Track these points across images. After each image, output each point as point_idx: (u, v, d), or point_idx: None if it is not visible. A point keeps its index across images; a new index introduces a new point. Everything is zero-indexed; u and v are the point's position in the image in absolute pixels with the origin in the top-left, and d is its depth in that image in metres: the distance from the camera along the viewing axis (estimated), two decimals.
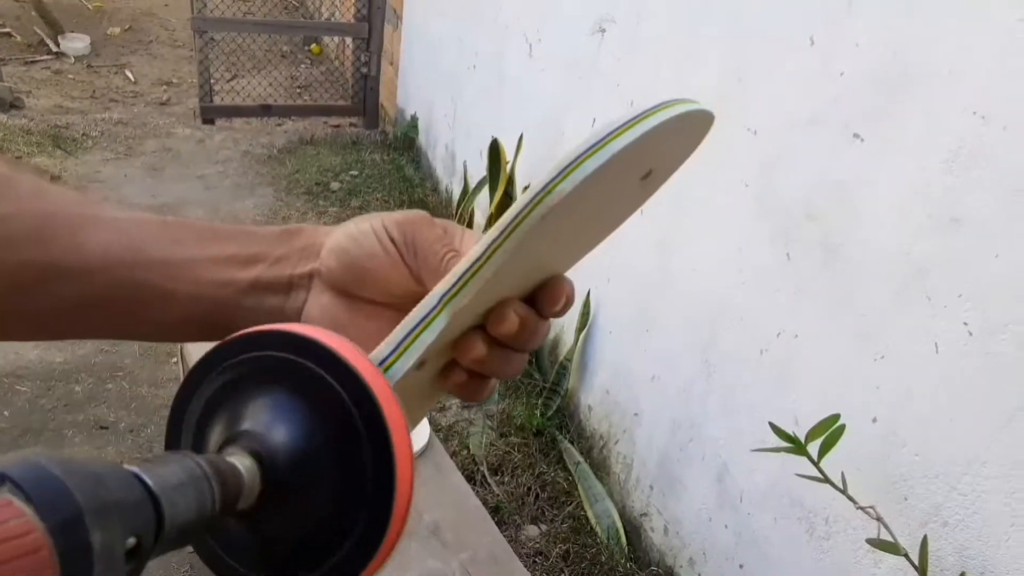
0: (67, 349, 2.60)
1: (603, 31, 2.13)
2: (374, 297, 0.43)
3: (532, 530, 2.19)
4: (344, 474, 0.34)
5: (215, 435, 0.35)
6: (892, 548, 1.14)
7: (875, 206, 1.35)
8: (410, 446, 0.35)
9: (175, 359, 2.49)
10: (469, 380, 0.43)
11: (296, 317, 0.43)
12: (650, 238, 1.99)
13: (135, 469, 0.27)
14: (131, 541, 0.25)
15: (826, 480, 1.14)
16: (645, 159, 0.39)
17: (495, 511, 2.23)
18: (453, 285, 0.38)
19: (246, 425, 0.34)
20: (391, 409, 0.34)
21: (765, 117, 1.58)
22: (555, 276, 0.43)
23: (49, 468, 0.24)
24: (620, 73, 2.08)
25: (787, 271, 1.54)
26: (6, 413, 2.35)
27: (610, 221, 0.45)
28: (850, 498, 1.15)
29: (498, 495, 2.25)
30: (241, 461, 0.32)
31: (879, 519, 1.16)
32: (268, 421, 0.34)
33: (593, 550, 2.10)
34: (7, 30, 5.35)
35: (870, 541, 1.18)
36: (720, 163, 1.72)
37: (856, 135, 1.37)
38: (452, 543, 1.50)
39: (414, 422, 0.44)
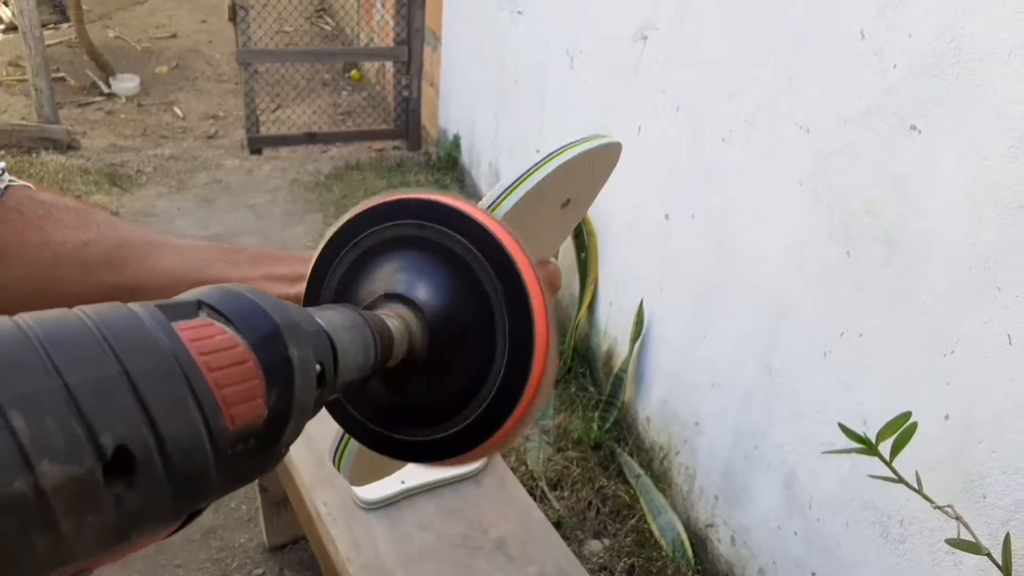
0: None
1: (645, 38, 2.12)
2: None
3: (595, 545, 2.17)
4: (483, 336, 0.34)
5: (359, 299, 0.36)
6: (973, 548, 1.10)
7: (937, 198, 1.32)
8: (547, 311, 0.35)
9: None
10: None
11: None
12: (704, 244, 1.97)
13: (307, 310, 0.29)
14: (317, 367, 0.26)
15: (900, 480, 1.11)
16: (561, 192, 0.45)
17: (556, 527, 2.21)
18: None
19: (390, 288, 0.35)
20: (528, 273, 0.34)
21: (817, 114, 1.56)
22: None
23: (243, 292, 0.25)
24: (665, 79, 2.07)
25: (848, 269, 1.51)
26: None
27: (551, 236, 0.51)
28: (926, 498, 1.12)
29: (559, 510, 2.24)
30: (390, 319, 0.32)
31: (958, 518, 1.12)
32: (411, 284, 0.34)
33: (659, 563, 2.07)
34: (61, 75, 5.53)
35: (950, 541, 1.14)
36: (773, 163, 1.70)
37: (913, 127, 1.34)
38: (519, 558, 1.50)
39: None
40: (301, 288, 0.46)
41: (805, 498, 1.68)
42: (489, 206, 0.41)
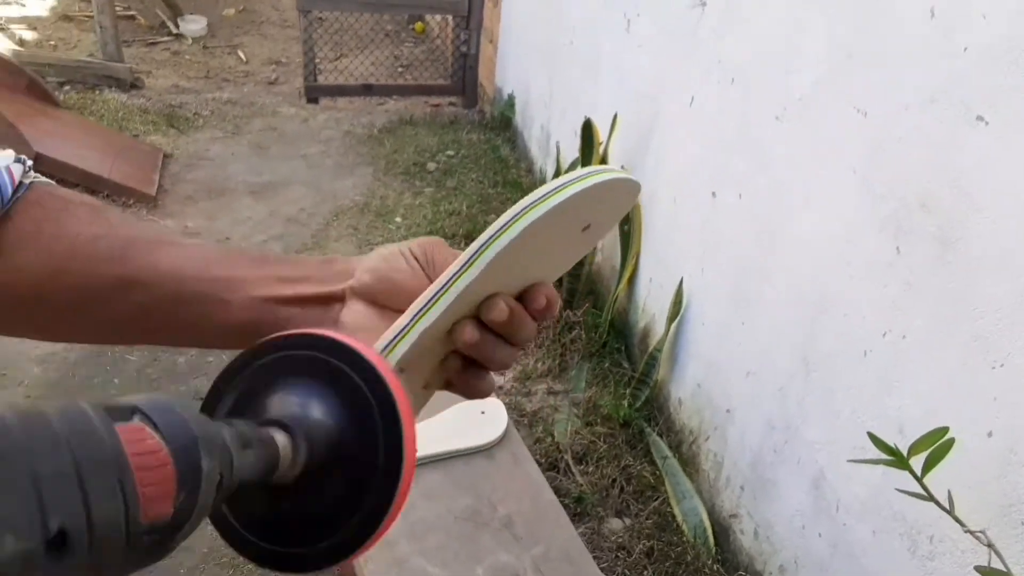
0: None
1: (703, 4, 2.01)
2: (399, 306, 0.49)
3: (616, 523, 2.13)
4: (360, 453, 0.38)
5: (253, 415, 0.40)
6: None
7: (999, 196, 1.21)
8: (413, 429, 0.39)
9: None
10: (465, 368, 0.50)
11: (333, 325, 0.52)
12: (749, 226, 1.88)
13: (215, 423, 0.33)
14: (218, 476, 0.30)
15: (930, 499, 1.03)
16: (580, 217, 0.49)
17: (578, 501, 2.18)
18: (429, 300, 0.46)
19: (277, 410, 0.39)
20: (401, 398, 0.39)
21: (877, 97, 1.45)
22: (539, 282, 0.52)
23: (172, 405, 0.30)
24: (721, 49, 1.96)
25: (897, 265, 1.41)
26: (116, 381, 2.48)
27: (568, 254, 0.55)
28: (957, 520, 1.04)
29: (581, 485, 2.20)
30: (277, 436, 0.36)
31: (990, 545, 1.04)
32: (297, 406, 0.39)
33: (679, 548, 2.02)
34: (131, 13, 5.59)
35: (979, 569, 1.06)
36: (826, 147, 1.59)
37: (980, 117, 1.23)
38: (525, 537, 1.46)
39: (418, 407, 0.51)
40: (300, 290, 0.52)
41: (833, 500, 1.60)
42: (519, 212, 0.45)
